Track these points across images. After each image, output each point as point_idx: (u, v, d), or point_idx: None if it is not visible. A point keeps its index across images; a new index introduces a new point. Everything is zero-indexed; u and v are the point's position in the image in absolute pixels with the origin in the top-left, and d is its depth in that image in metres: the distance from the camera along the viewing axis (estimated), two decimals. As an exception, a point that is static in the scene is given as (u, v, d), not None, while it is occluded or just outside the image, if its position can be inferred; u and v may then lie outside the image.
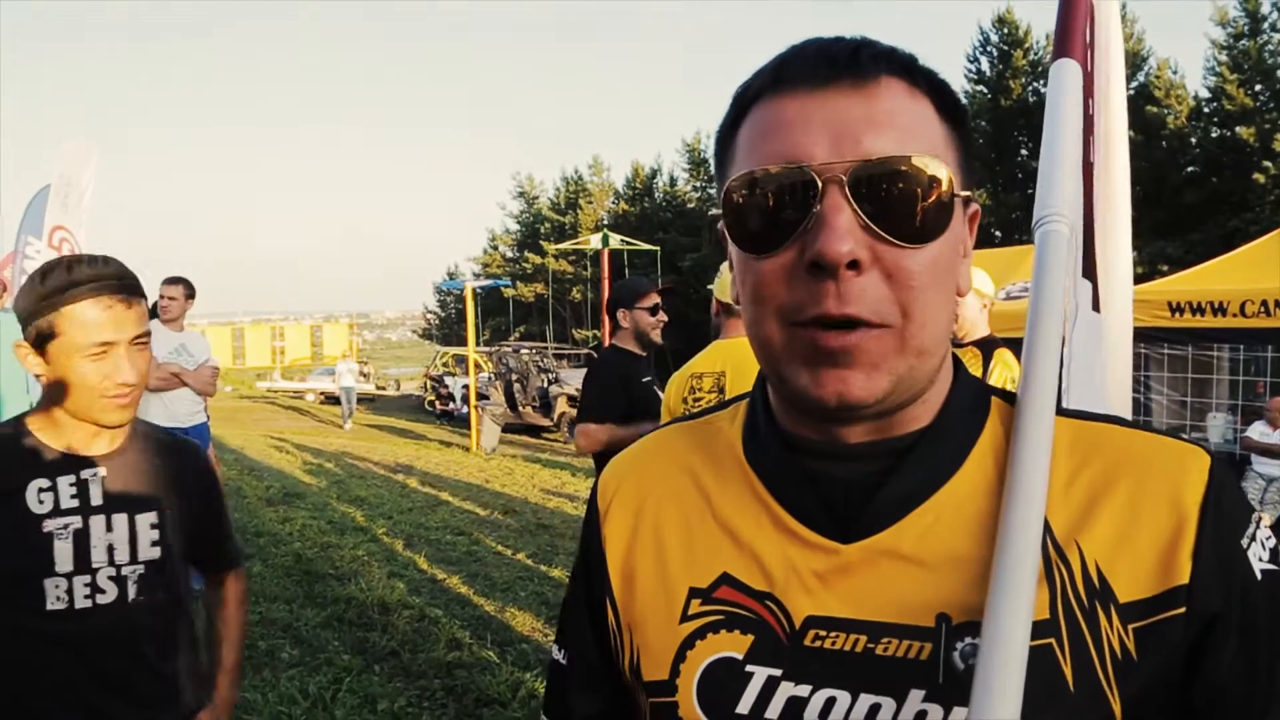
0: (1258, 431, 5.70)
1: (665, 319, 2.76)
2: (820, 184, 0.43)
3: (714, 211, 0.49)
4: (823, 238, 0.42)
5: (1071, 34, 0.76)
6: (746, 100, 0.48)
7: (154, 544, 1.17)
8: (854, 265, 0.42)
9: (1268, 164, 13.10)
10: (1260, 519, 0.48)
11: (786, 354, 0.46)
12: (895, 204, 0.43)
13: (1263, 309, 5.75)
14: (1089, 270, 0.89)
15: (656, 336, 2.74)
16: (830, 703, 0.46)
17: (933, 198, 0.44)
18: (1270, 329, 5.75)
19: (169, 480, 1.22)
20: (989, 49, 17.46)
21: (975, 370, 2.22)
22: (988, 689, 0.40)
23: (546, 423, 13.13)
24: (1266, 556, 0.47)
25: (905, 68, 0.46)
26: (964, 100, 0.48)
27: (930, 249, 0.44)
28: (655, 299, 2.73)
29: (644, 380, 2.70)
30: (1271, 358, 5.93)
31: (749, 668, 0.49)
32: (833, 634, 0.47)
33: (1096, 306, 0.93)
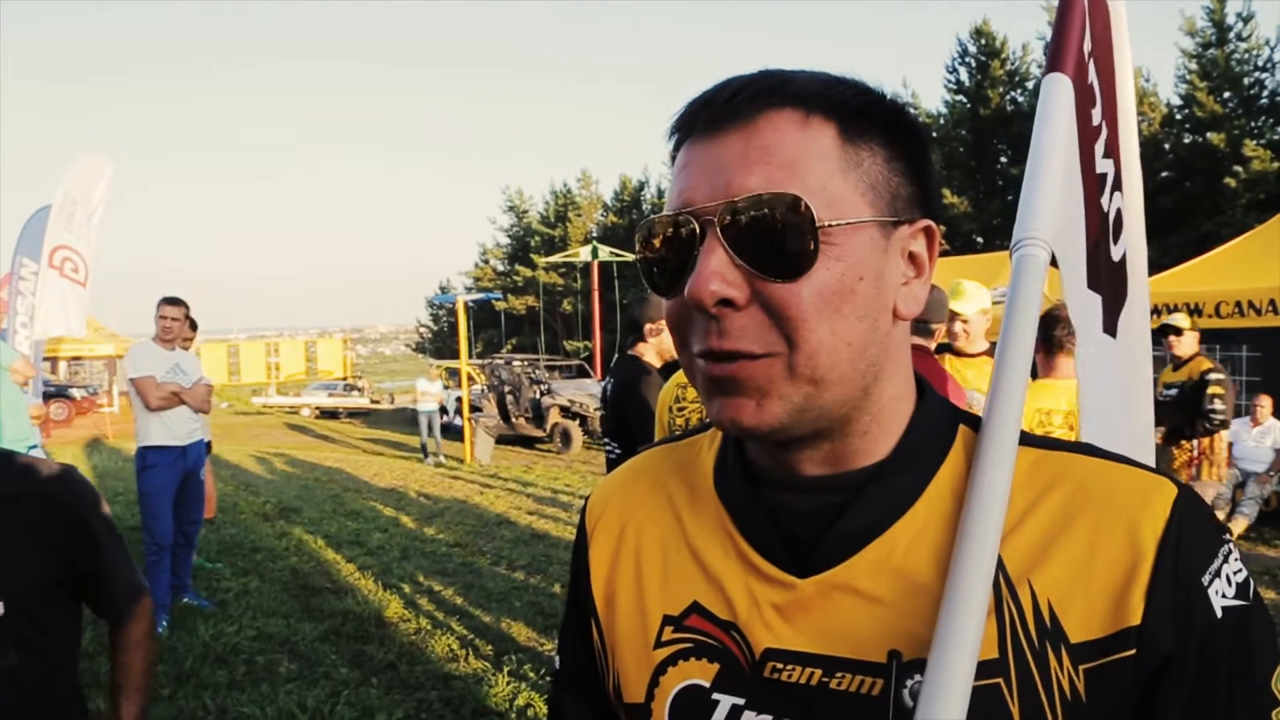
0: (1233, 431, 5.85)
1: None
2: (698, 227, 0.45)
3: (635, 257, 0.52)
4: (692, 280, 0.44)
5: (1065, 46, 0.70)
6: (674, 149, 0.50)
7: None
8: (729, 304, 0.44)
9: (1238, 169, 13.39)
10: (1230, 551, 0.46)
11: (697, 380, 0.48)
12: (762, 240, 0.44)
13: (1236, 309, 5.90)
14: (1095, 282, 0.81)
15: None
16: None
17: (797, 230, 0.43)
18: (1244, 329, 5.90)
19: (12, 517, 1.05)
20: (967, 60, 17.77)
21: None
22: None
23: (539, 433, 13.17)
24: (1232, 592, 0.45)
25: (800, 98, 0.45)
26: (898, 116, 0.48)
27: (811, 281, 0.43)
28: None
29: None
30: (1246, 356, 6.08)
31: (715, 695, 0.50)
32: (789, 667, 0.48)
33: (1110, 328, 0.85)
